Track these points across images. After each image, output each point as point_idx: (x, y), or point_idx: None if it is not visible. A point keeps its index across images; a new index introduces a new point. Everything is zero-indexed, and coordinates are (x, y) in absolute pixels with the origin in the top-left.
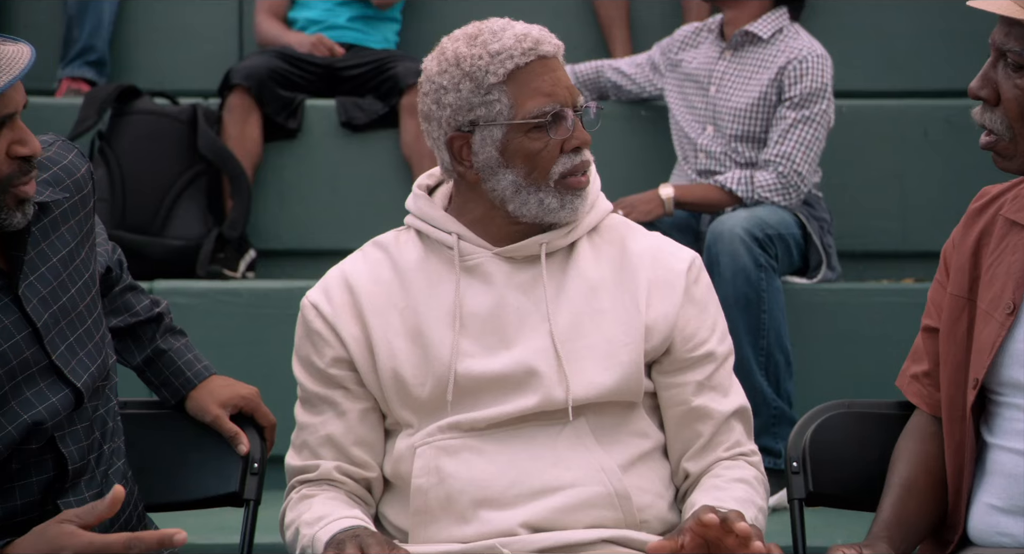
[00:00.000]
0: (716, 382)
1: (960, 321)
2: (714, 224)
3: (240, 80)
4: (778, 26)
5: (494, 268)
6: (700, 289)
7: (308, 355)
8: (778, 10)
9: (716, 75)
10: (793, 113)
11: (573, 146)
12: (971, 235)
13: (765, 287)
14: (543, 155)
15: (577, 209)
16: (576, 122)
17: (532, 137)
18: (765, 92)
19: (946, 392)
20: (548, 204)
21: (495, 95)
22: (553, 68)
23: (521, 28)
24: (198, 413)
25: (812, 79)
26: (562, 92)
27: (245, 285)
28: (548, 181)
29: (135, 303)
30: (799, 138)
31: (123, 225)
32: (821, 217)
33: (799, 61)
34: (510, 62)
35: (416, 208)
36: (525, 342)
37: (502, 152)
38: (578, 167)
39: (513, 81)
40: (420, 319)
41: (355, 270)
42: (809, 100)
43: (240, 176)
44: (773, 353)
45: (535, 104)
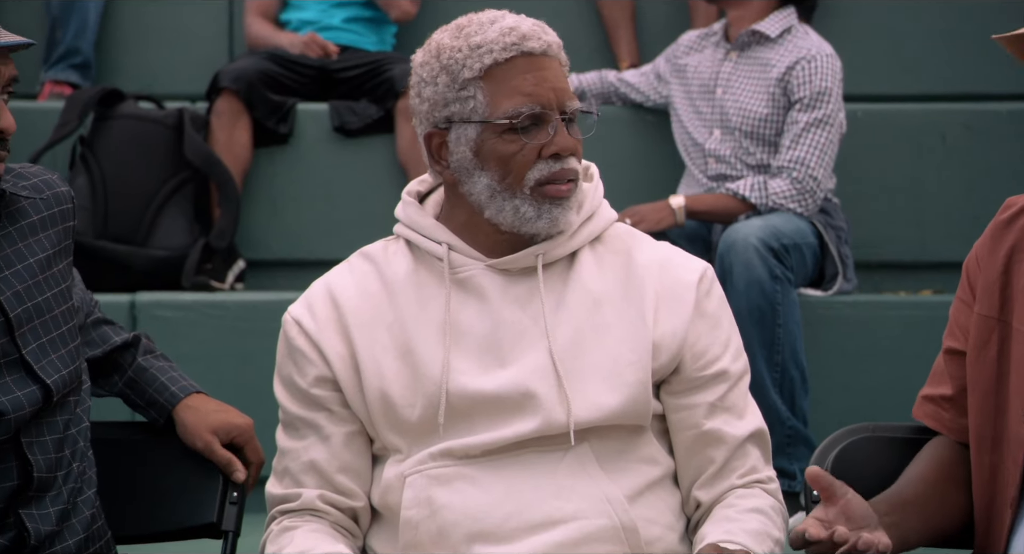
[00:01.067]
0: (730, 403)
1: (990, 343)
2: (727, 233)
3: (228, 83)
4: (786, 25)
5: (487, 281)
6: (712, 302)
7: (290, 375)
8: (785, 9)
9: (722, 77)
10: (805, 116)
11: (551, 152)
12: (1000, 250)
13: (780, 300)
14: (517, 160)
15: (557, 220)
16: (560, 127)
17: (507, 139)
18: (772, 92)
19: (975, 420)
20: (524, 213)
21: (470, 91)
22: (539, 66)
23: (511, 21)
24: (188, 438)
25: (821, 79)
26: (545, 93)
27: (232, 297)
28: (523, 188)
29: (111, 334)
30: (813, 142)
31: (105, 234)
32: (838, 226)
33: (807, 61)
34: (488, 57)
35: (405, 216)
36: (522, 360)
37: (476, 153)
38: (557, 175)
39: (491, 77)
40: (409, 335)
41: (340, 283)
42: (819, 101)
43: (228, 183)
44: (788, 369)
45: (511, 104)
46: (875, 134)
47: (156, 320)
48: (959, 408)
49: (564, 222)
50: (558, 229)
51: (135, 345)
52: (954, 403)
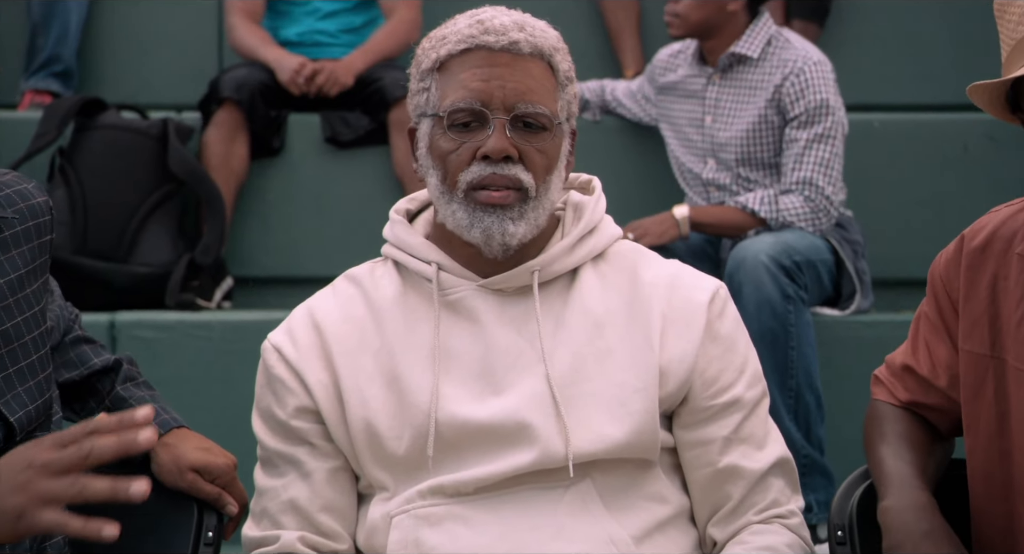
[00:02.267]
0: (747, 433)
1: (986, 383)
2: (736, 250)
3: (230, 93)
4: (765, 38)
5: (479, 302)
6: (725, 325)
7: (269, 407)
8: (759, 20)
9: (709, 104)
10: (804, 133)
11: (482, 154)
12: (981, 282)
13: (793, 321)
14: (452, 159)
15: (490, 230)
16: (498, 128)
17: (448, 136)
18: (764, 114)
19: (980, 465)
20: (460, 219)
21: (427, 83)
22: (495, 62)
23: (489, 14)
24: (165, 477)
25: (814, 91)
26: (490, 90)
27: (218, 317)
28: (458, 191)
29: (92, 356)
30: (816, 159)
31: (84, 250)
32: (854, 240)
33: (796, 75)
34: (444, 48)
35: (392, 236)
36: (517, 387)
37: (429, 149)
38: (488, 179)
39: (444, 69)
40: (396, 362)
41: (323, 308)
42: (817, 115)
43: (215, 197)
44: (803, 394)
45: (454, 98)
46: (894, 145)
47: (137, 341)
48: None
49: (502, 233)
50: (497, 241)
51: (116, 370)
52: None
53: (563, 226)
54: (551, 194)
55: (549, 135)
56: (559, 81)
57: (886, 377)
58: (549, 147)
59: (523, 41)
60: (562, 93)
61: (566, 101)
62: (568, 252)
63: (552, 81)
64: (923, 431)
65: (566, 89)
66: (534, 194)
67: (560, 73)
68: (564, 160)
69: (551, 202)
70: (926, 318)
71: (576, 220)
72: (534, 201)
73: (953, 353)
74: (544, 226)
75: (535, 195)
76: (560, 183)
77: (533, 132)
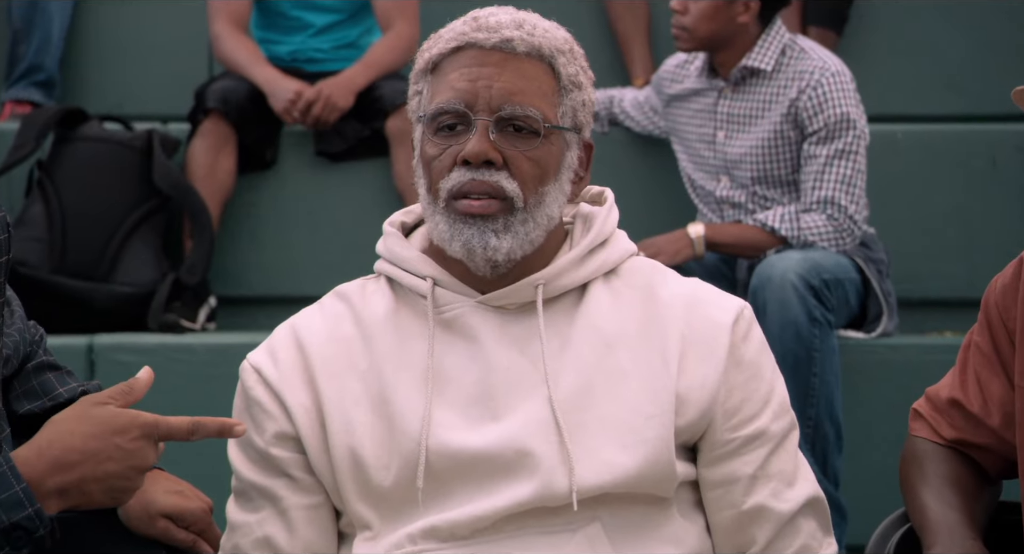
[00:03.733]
0: (775, 469)
1: None
2: (761, 267)
3: (216, 104)
4: (778, 49)
5: (478, 320)
6: (750, 349)
7: (246, 433)
8: (772, 29)
9: (720, 119)
10: (823, 149)
11: (461, 158)
12: None
13: (818, 346)
14: (434, 165)
15: (470, 243)
16: (480, 130)
17: (433, 141)
18: (780, 129)
19: None
20: (442, 230)
21: (420, 85)
22: (484, 61)
23: (489, 11)
24: (134, 525)
25: (834, 104)
26: (475, 90)
27: (202, 339)
28: (439, 200)
29: (56, 385)
30: (838, 176)
31: (62, 269)
32: (878, 258)
33: (813, 88)
34: (436, 48)
35: (385, 250)
36: (517, 412)
37: (420, 156)
38: (466, 186)
39: (436, 70)
40: (385, 384)
41: (308, 325)
42: (837, 130)
43: (201, 213)
44: (822, 425)
45: (439, 100)
46: (918, 157)
47: (116, 365)
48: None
49: (483, 247)
50: (479, 256)
51: None
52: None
53: (572, 239)
54: (546, 208)
55: (541, 141)
56: (561, 85)
57: (928, 412)
58: (542, 155)
59: (518, 39)
60: (564, 98)
61: (570, 107)
62: (576, 265)
63: (552, 84)
64: (970, 473)
65: (570, 94)
66: (521, 205)
67: (563, 77)
68: (567, 172)
69: (547, 217)
70: (977, 349)
71: (585, 232)
72: (522, 214)
73: (1008, 389)
74: (540, 243)
75: (522, 206)
76: (561, 197)
77: (522, 137)
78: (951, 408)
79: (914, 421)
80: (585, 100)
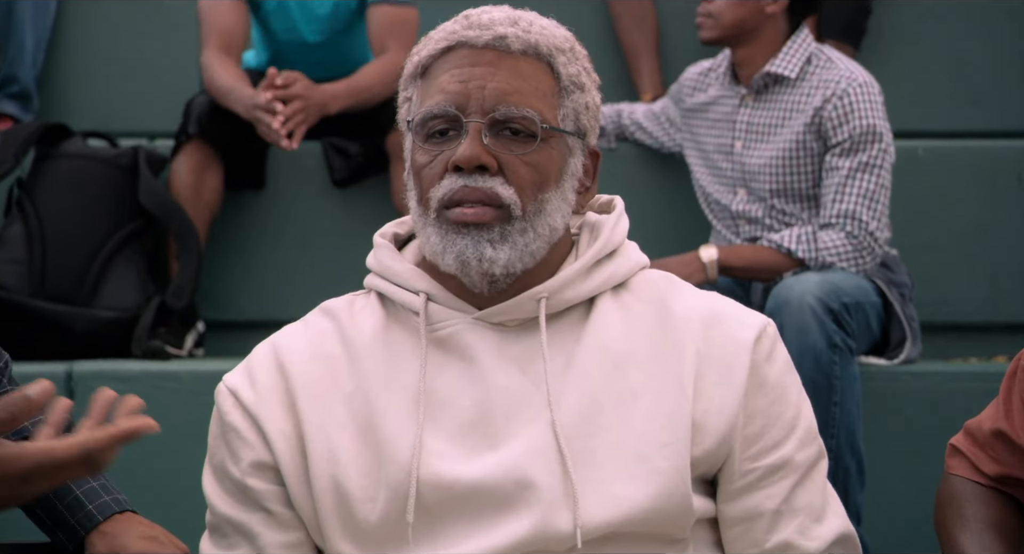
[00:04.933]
0: (801, 503)
1: None
2: (778, 290)
3: (196, 130)
4: (804, 56)
5: (476, 338)
6: (774, 369)
7: (222, 462)
8: (799, 35)
9: (740, 128)
10: (847, 161)
11: (453, 164)
12: None
13: (838, 373)
14: (425, 174)
15: (464, 256)
16: (472, 133)
17: (424, 148)
18: (802, 139)
19: None
20: (434, 243)
21: (409, 91)
22: (477, 60)
23: (482, 9)
24: None
25: (860, 115)
26: (469, 92)
27: (188, 366)
28: (430, 210)
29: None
30: (860, 190)
31: (42, 292)
32: (901, 281)
33: (839, 97)
34: (426, 50)
35: (376, 263)
36: (517, 439)
37: (411, 165)
38: (459, 194)
39: (426, 74)
40: (373, 408)
41: (290, 344)
42: (863, 142)
43: (189, 233)
44: (843, 457)
45: (429, 104)
46: (940, 175)
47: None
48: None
49: (478, 258)
50: (475, 269)
51: None
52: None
53: (577, 250)
54: (548, 218)
55: (540, 144)
56: (562, 85)
57: (967, 448)
58: (540, 159)
59: (513, 37)
60: (565, 99)
61: (571, 110)
62: (582, 277)
63: (551, 84)
64: (1014, 517)
65: (572, 96)
66: (519, 213)
67: (563, 77)
68: (570, 180)
69: (549, 227)
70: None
71: (592, 241)
72: (521, 223)
73: None
74: (542, 256)
75: (520, 215)
76: (564, 206)
77: (520, 141)
78: (995, 440)
79: (951, 458)
80: (589, 103)
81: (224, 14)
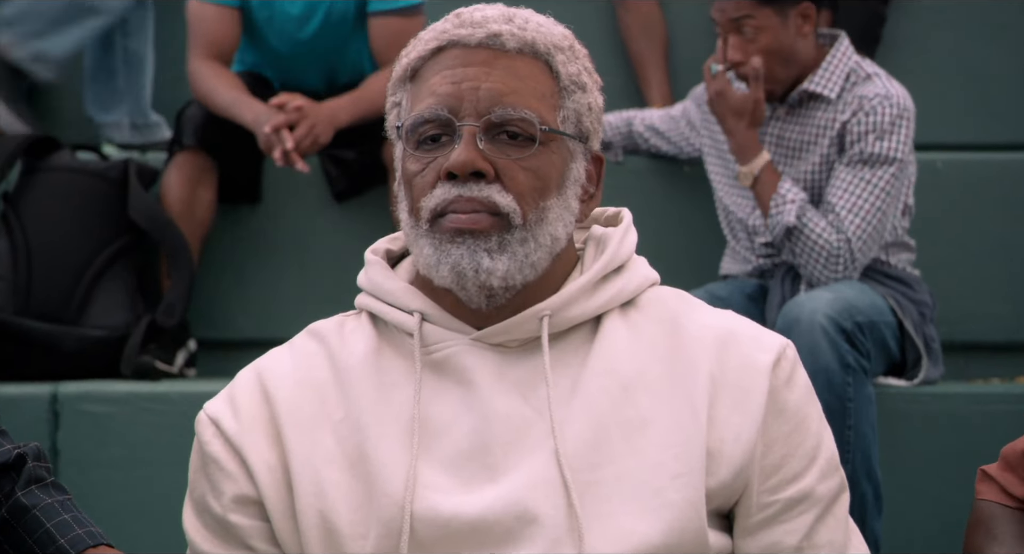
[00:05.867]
0: (823, 539)
1: None
2: (788, 308)
3: (191, 140)
4: (844, 73)
5: (474, 360)
6: (794, 395)
7: (203, 496)
8: (838, 48)
9: (769, 142)
10: (851, 173)
11: (445, 171)
12: None
13: (852, 395)
14: (417, 183)
15: (460, 267)
16: (466, 138)
17: (415, 156)
18: (826, 153)
19: None
20: (426, 255)
21: (399, 96)
22: (470, 60)
23: (475, 7)
24: None
25: (880, 135)
26: (462, 94)
27: (178, 387)
28: (422, 221)
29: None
30: (854, 202)
31: (28, 311)
32: (921, 300)
33: (865, 113)
34: (415, 51)
35: (368, 281)
36: (520, 470)
37: (401, 174)
38: (453, 204)
39: (416, 77)
40: (363, 437)
41: (275, 369)
42: (873, 161)
43: (181, 249)
44: (859, 483)
45: (419, 108)
46: (958, 189)
47: (83, 416)
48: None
49: (475, 269)
50: (472, 281)
51: (17, 468)
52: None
53: (583, 265)
54: (550, 227)
55: (539, 148)
56: (561, 85)
57: (998, 472)
58: (540, 164)
59: (507, 34)
60: (565, 100)
61: (572, 111)
62: (588, 294)
63: (550, 84)
64: None
65: (572, 96)
66: (519, 222)
67: (563, 76)
68: (572, 187)
69: (551, 237)
70: None
71: (598, 255)
72: (521, 231)
73: None
74: (543, 269)
75: (521, 223)
76: (567, 215)
77: (517, 145)
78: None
79: (981, 483)
80: (591, 104)
81: (214, 21)
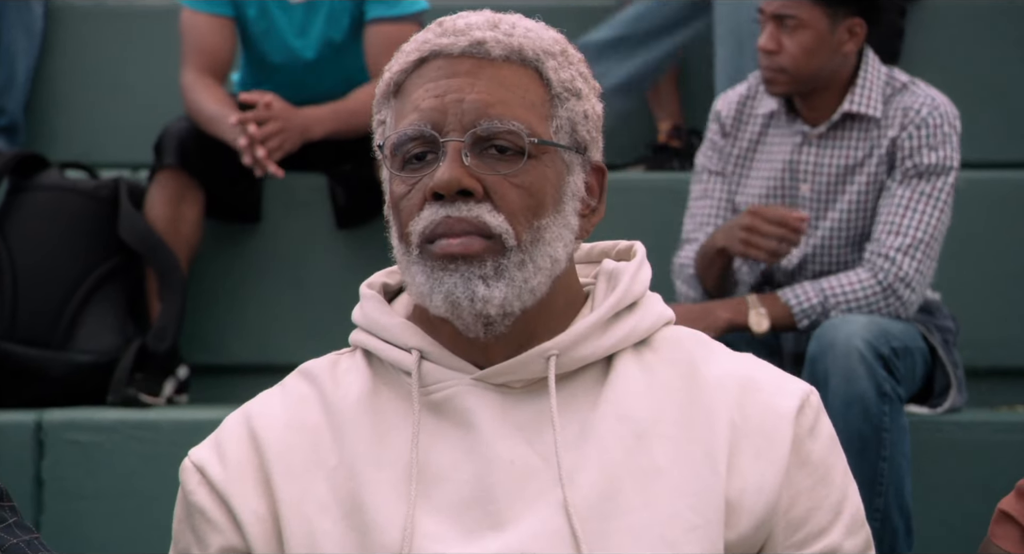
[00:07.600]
0: None
1: None
2: (822, 331)
3: (172, 160)
4: (880, 85)
5: (475, 401)
6: (818, 445)
7: (188, 548)
8: (867, 62)
9: (805, 169)
10: (907, 189)
11: (430, 192)
12: None
13: (888, 424)
14: (404, 205)
15: (454, 296)
16: (451, 154)
17: (401, 177)
18: (874, 172)
19: None
20: (419, 283)
21: (383, 114)
22: (454, 71)
23: (459, 15)
24: None
25: (936, 144)
26: (446, 107)
27: (169, 415)
28: (412, 246)
29: None
30: (914, 225)
31: (13, 335)
32: (944, 326)
33: (916, 126)
34: (398, 64)
35: (363, 317)
36: (524, 520)
37: (389, 197)
38: (441, 227)
39: (400, 92)
40: (358, 485)
41: (265, 413)
42: (929, 172)
43: (172, 270)
44: (891, 516)
45: (402, 126)
46: (982, 208)
47: (69, 446)
48: None
49: (470, 298)
50: (467, 311)
51: None
52: None
53: (593, 301)
54: (547, 247)
55: (530, 162)
56: (553, 93)
57: (1014, 506)
58: (533, 179)
59: (492, 41)
60: (558, 108)
61: (566, 120)
62: (599, 332)
63: (540, 92)
64: None
65: (566, 104)
66: (513, 244)
67: (554, 83)
68: (570, 202)
69: (550, 259)
70: None
71: (610, 291)
72: (516, 254)
73: None
74: (543, 294)
75: (515, 245)
76: (566, 233)
77: (507, 159)
78: None
79: (996, 524)
80: (588, 112)
81: (208, 32)
